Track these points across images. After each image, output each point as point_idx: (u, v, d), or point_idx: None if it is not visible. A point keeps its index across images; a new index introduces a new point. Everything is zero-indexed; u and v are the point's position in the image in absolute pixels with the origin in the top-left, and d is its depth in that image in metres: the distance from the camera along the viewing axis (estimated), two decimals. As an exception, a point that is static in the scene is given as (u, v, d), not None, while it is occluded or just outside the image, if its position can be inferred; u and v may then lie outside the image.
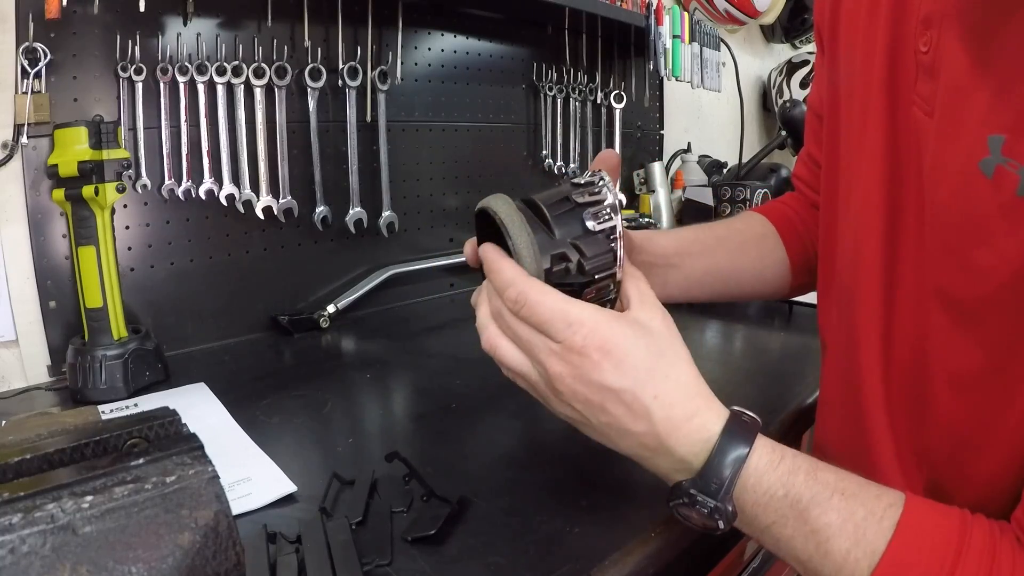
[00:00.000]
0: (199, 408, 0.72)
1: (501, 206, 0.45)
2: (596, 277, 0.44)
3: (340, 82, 1.03)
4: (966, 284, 0.38)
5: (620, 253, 0.44)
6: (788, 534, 0.38)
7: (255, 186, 0.96)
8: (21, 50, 0.76)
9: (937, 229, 0.41)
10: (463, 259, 0.55)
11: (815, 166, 0.65)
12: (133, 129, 0.86)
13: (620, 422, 0.41)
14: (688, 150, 1.74)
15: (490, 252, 0.45)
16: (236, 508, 0.46)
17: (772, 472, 0.39)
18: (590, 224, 0.44)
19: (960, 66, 0.38)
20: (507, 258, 0.44)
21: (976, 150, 0.35)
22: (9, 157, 0.77)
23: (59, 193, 0.74)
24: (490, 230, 0.46)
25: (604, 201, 0.44)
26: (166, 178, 0.89)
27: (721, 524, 0.39)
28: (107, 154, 0.74)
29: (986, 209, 0.35)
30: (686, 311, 1.16)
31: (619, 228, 0.44)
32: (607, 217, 0.44)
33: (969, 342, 0.39)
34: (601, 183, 0.45)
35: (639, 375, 0.40)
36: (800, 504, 0.37)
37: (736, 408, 0.42)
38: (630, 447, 0.42)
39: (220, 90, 0.91)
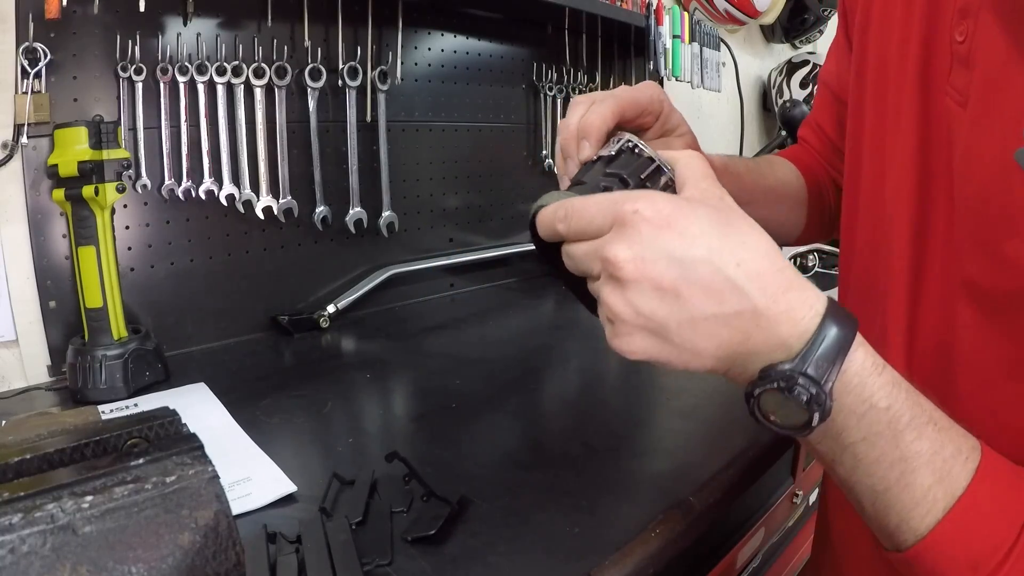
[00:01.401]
0: (199, 408, 0.72)
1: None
2: (643, 179, 0.40)
3: (340, 82, 1.03)
4: (996, 276, 0.37)
5: (656, 154, 0.40)
6: (875, 456, 0.34)
7: (255, 186, 0.96)
8: (21, 50, 0.76)
9: (967, 220, 0.40)
10: (463, 259, 0.55)
11: (823, 135, 0.67)
12: (133, 129, 0.86)
13: (703, 307, 0.33)
14: (688, 150, 1.74)
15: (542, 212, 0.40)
16: (236, 508, 0.46)
17: (877, 376, 0.34)
18: (609, 151, 0.42)
19: (996, 56, 0.37)
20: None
21: (1011, 141, 0.35)
22: (9, 157, 0.77)
23: (59, 193, 0.74)
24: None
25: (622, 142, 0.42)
26: (166, 178, 0.89)
27: (816, 417, 0.33)
28: (107, 154, 0.74)
29: (1020, 200, 0.35)
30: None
31: (642, 144, 0.41)
32: (626, 143, 0.42)
33: (996, 335, 0.38)
34: (617, 141, 0.43)
35: (711, 242, 0.34)
36: (899, 424, 0.34)
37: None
38: (719, 344, 0.34)
39: (220, 90, 0.91)
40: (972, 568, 0.33)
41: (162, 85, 0.88)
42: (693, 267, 0.33)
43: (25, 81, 0.77)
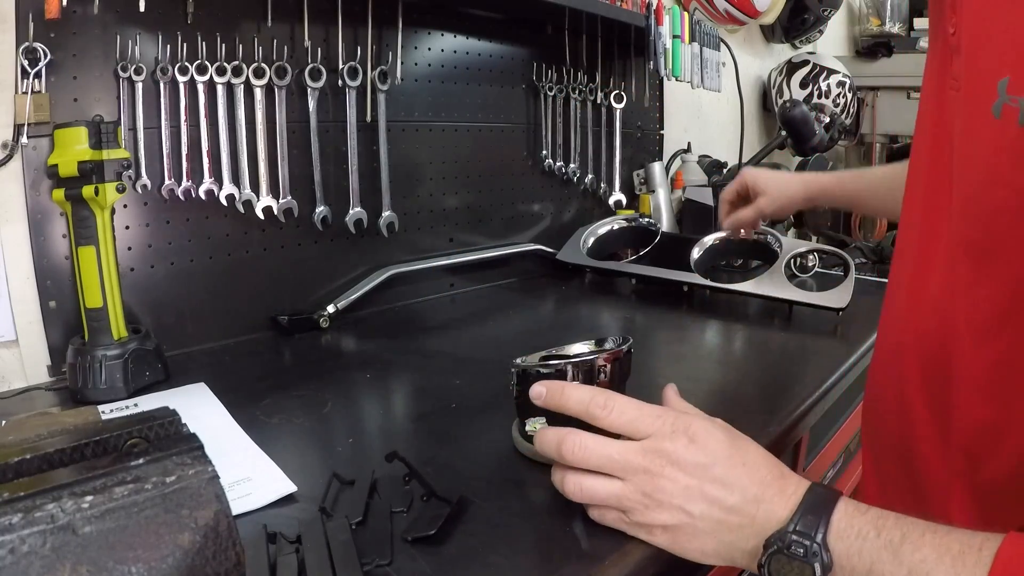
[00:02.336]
0: (199, 408, 0.72)
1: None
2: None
3: (340, 82, 1.03)
4: (985, 227, 0.40)
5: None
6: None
7: (255, 186, 0.96)
8: (21, 50, 0.76)
9: (963, 186, 0.43)
10: (463, 259, 0.59)
11: None
12: (133, 129, 0.86)
13: (717, 501, 0.43)
14: (688, 150, 1.74)
15: (555, 384, 0.50)
16: (236, 508, 0.45)
17: (861, 516, 0.39)
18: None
19: (975, 31, 0.40)
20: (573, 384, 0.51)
21: (988, 98, 0.38)
22: (9, 157, 0.77)
23: (59, 193, 0.74)
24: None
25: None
26: (166, 178, 0.89)
27: (818, 568, 0.38)
28: (107, 154, 0.74)
29: (996, 147, 0.38)
30: (686, 311, 1.16)
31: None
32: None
33: (989, 287, 0.41)
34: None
35: (725, 449, 0.44)
36: (893, 543, 0.37)
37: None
38: (728, 532, 0.43)
39: (220, 90, 0.91)
40: None
41: (162, 85, 0.88)
42: (711, 467, 0.44)
43: (25, 81, 0.77)
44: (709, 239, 1.23)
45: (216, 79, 0.91)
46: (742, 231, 1.16)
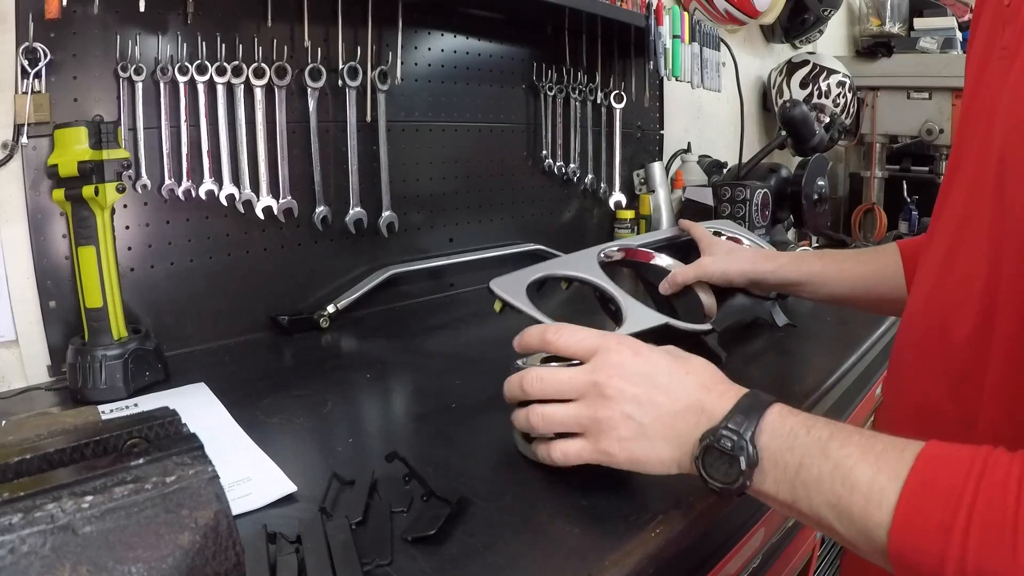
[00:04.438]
0: (199, 408, 0.72)
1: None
2: None
3: (340, 82, 1.03)
4: None
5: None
6: (815, 475, 0.39)
7: (255, 186, 0.96)
8: (21, 50, 0.76)
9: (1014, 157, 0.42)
10: (463, 259, 0.62)
11: None
12: (133, 129, 0.86)
13: (664, 406, 0.46)
14: (688, 150, 1.74)
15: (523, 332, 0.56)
16: (236, 508, 0.45)
17: (793, 416, 0.42)
18: None
19: None
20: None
21: None
22: (9, 157, 0.77)
23: (59, 193, 0.74)
24: None
25: None
26: (166, 178, 0.89)
27: (743, 461, 0.41)
28: (107, 154, 0.74)
29: None
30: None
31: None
32: None
33: None
34: None
35: (667, 360, 0.48)
36: (821, 440, 0.39)
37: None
38: (678, 435, 0.46)
39: (220, 90, 0.91)
40: (944, 531, 0.33)
41: (162, 85, 0.88)
42: (656, 376, 0.47)
43: (25, 81, 0.77)
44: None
45: (216, 79, 0.91)
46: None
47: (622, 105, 1.46)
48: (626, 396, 0.47)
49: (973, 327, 0.46)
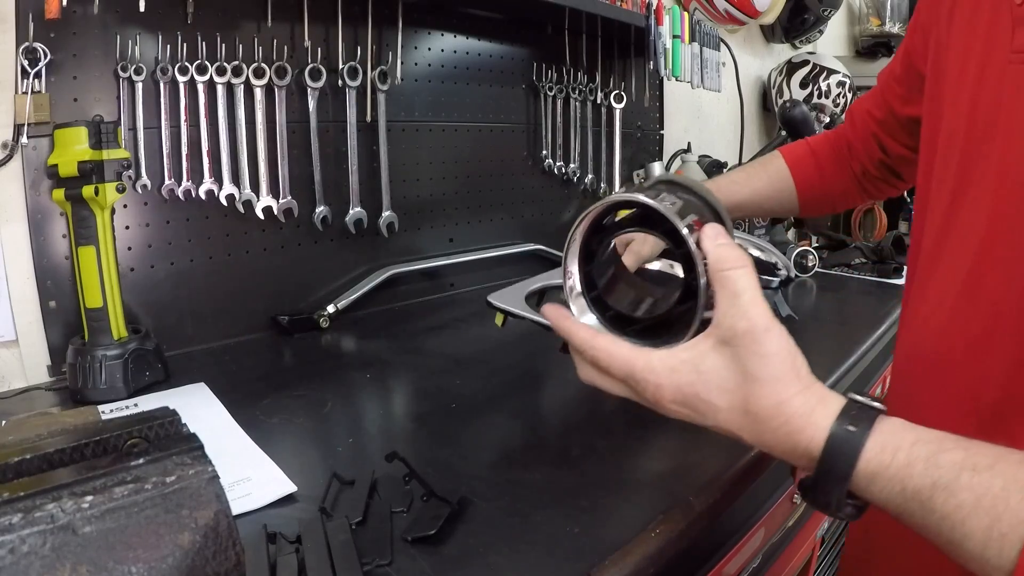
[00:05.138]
0: (199, 408, 0.72)
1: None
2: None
3: (340, 82, 1.03)
4: None
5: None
6: (918, 523, 0.36)
7: (255, 186, 0.96)
8: (21, 50, 0.76)
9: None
10: (463, 259, 0.58)
11: (874, 122, 0.73)
12: (133, 129, 0.86)
13: (731, 423, 0.40)
14: (688, 150, 1.74)
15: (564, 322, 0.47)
16: (236, 508, 0.45)
17: (884, 472, 0.36)
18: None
19: None
20: (574, 321, 0.47)
21: None
22: (9, 157, 0.77)
23: (59, 193, 0.74)
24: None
25: None
26: (166, 178, 0.89)
27: (842, 516, 0.38)
28: (107, 154, 0.74)
29: None
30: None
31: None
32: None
33: None
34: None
35: (726, 397, 0.40)
36: (922, 495, 0.35)
37: (852, 397, 0.39)
38: (737, 431, 0.41)
39: (220, 90, 0.91)
40: None
41: (162, 85, 0.88)
42: (717, 411, 0.40)
43: (25, 81, 0.77)
44: None
45: (216, 79, 0.91)
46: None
47: (622, 105, 1.46)
48: (680, 415, 0.42)
49: (1012, 363, 0.44)
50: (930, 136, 0.56)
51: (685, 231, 0.41)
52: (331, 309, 1.04)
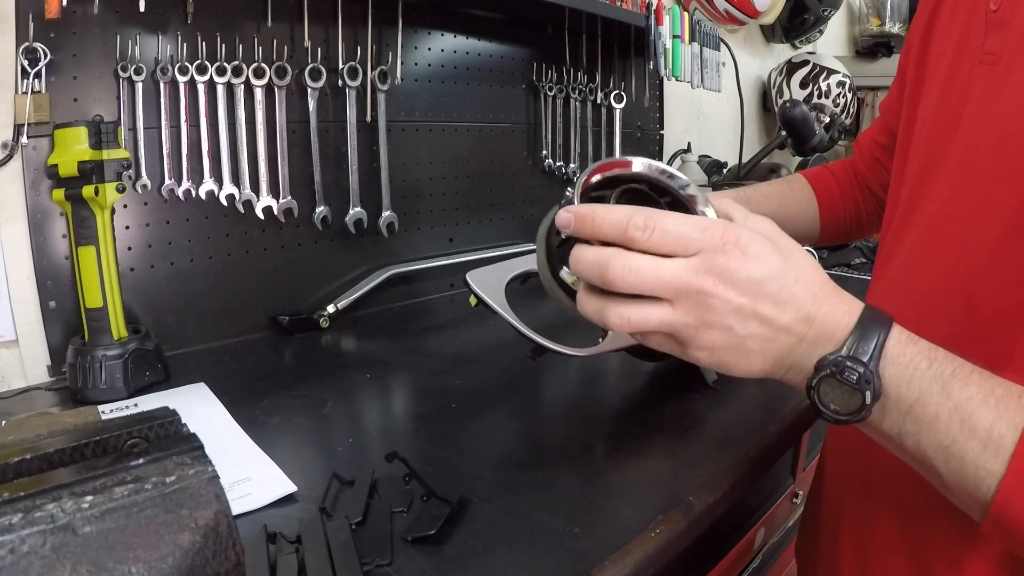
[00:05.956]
0: (199, 408, 0.72)
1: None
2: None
3: (340, 82, 1.03)
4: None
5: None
6: (932, 413, 0.37)
7: (255, 186, 0.96)
8: (21, 50, 0.76)
9: (1001, 157, 0.44)
10: (463, 259, 0.57)
11: (879, 148, 0.75)
12: (133, 129, 0.86)
13: (769, 321, 0.39)
14: (688, 150, 1.74)
15: (584, 208, 0.44)
16: (236, 508, 0.45)
17: (914, 345, 0.38)
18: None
19: None
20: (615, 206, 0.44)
21: None
22: (9, 157, 0.77)
23: (59, 193, 0.74)
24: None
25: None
26: (166, 178, 0.89)
27: (869, 395, 0.37)
28: (107, 154, 0.74)
29: None
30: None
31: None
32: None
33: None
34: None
35: (777, 263, 0.40)
36: (943, 376, 0.37)
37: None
38: (777, 350, 0.40)
39: (220, 90, 0.91)
40: None
41: (162, 85, 0.88)
42: (765, 284, 0.39)
43: (25, 81, 0.77)
44: None
45: (216, 79, 0.91)
46: None
47: (622, 105, 1.46)
48: (731, 307, 0.39)
49: (947, 337, 0.47)
50: (906, 131, 0.59)
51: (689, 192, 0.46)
52: (331, 309, 1.04)
